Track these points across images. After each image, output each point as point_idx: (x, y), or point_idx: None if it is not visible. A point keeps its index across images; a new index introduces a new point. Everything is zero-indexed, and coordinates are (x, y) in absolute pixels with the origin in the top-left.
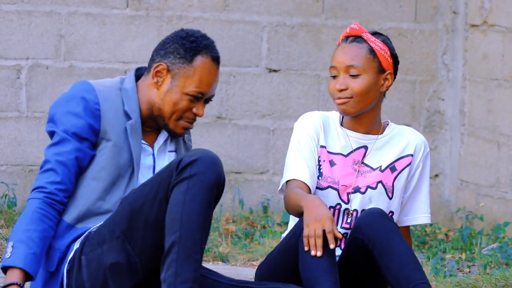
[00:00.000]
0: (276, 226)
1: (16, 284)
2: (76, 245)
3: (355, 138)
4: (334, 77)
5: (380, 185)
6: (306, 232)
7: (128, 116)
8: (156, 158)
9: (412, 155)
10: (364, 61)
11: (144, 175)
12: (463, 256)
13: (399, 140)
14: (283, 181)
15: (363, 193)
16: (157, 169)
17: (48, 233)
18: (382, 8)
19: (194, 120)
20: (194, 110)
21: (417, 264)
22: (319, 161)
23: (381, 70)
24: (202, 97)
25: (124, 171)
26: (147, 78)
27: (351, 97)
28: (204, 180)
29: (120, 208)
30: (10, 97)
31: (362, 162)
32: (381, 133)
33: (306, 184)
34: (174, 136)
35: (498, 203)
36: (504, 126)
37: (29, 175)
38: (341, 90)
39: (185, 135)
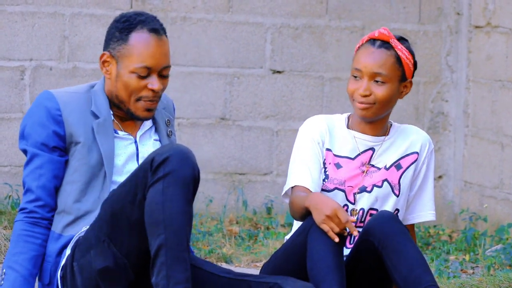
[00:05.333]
0: (279, 228)
1: None
2: (68, 251)
3: (363, 140)
4: (355, 77)
5: (386, 183)
6: (325, 229)
7: (95, 116)
8: (139, 145)
9: (417, 153)
10: (391, 70)
11: (128, 164)
12: (467, 257)
13: (404, 138)
14: (287, 187)
15: (370, 192)
16: (141, 156)
17: (37, 252)
18: (386, 9)
19: (155, 98)
20: (149, 86)
21: (426, 267)
22: (324, 163)
23: (404, 78)
24: (151, 71)
25: (98, 170)
26: None
27: (374, 103)
28: (179, 177)
29: (102, 212)
30: (14, 98)
31: (369, 164)
32: (387, 134)
33: (309, 190)
34: (139, 120)
35: (502, 205)
36: (508, 127)
37: None
38: (364, 96)
39: (168, 129)
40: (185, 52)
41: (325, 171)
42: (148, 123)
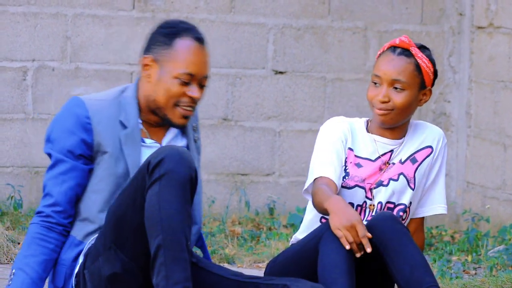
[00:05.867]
0: (282, 228)
1: None
2: (81, 259)
3: (383, 144)
4: (375, 83)
5: (401, 176)
6: (339, 235)
7: (123, 126)
8: None
9: (431, 147)
10: (410, 77)
11: None
12: (469, 258)
13: (419, 133)
14: (310, 180)
15: (386, 185)
16: None
17: (48, 256)
18: (388, 10)
19: (193, 106)
20: (189, 93)
21: (428, 268)
22: (345, 162)
23: (423, 86)
24: (193, 78)
25: (124, 180)
26: (141, 78)
27: (392, 109)
28: (175, 178)
29: (107, 219)
30: (16, 98)
31: (388, 162)
32: (405, 135)
33: (332, 181)
34: (175, 127)
35: (504, 205)
36: (510, 128)
37: (35, 176)
38: (383, 102)
39: (195, 134)
40: None
41: (345, 169)
42: (174, 130)
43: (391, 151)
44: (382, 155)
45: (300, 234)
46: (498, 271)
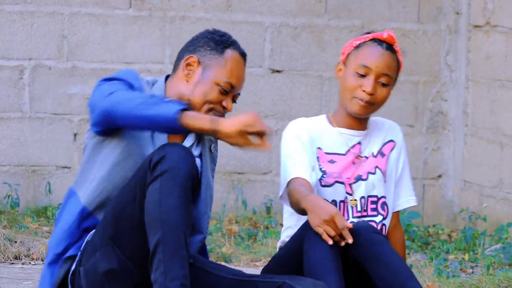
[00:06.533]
0: (279, 227)
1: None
2: (77, 256)
3: (349, 136)
4: (360, 74)
5: (377, 169)
6: (319, 231)
7: None
8: None
9: (393, 141)
10: (394, 73)
11: None
12: (466, 257)
13: (380, 128)
14: (284, 185)
15: (365, 179)
16: None
17: None
18: (385, 8)
19: (222, 115)
20: (224, 103)
21: (410, 273)
22: (318, 162)
23: (395, 81)
24: (232, 90)
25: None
26: (174, 76)
27: (373, 103)
28: (177, 175)
29: (105, 214)
30: (13, 97)
31: (360, 155)
32: (367, 126)
33: (307, 181)
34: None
35: (501, 204)
36: (507, 127)
37: (32, 175)
38: (370, 94)
39: (212, 145)
40: None
41: (320, 169)
42: (191, 138)
43: (359, 143)
44: (352, 147)
45: (287, 237)
46: (495, 270)
